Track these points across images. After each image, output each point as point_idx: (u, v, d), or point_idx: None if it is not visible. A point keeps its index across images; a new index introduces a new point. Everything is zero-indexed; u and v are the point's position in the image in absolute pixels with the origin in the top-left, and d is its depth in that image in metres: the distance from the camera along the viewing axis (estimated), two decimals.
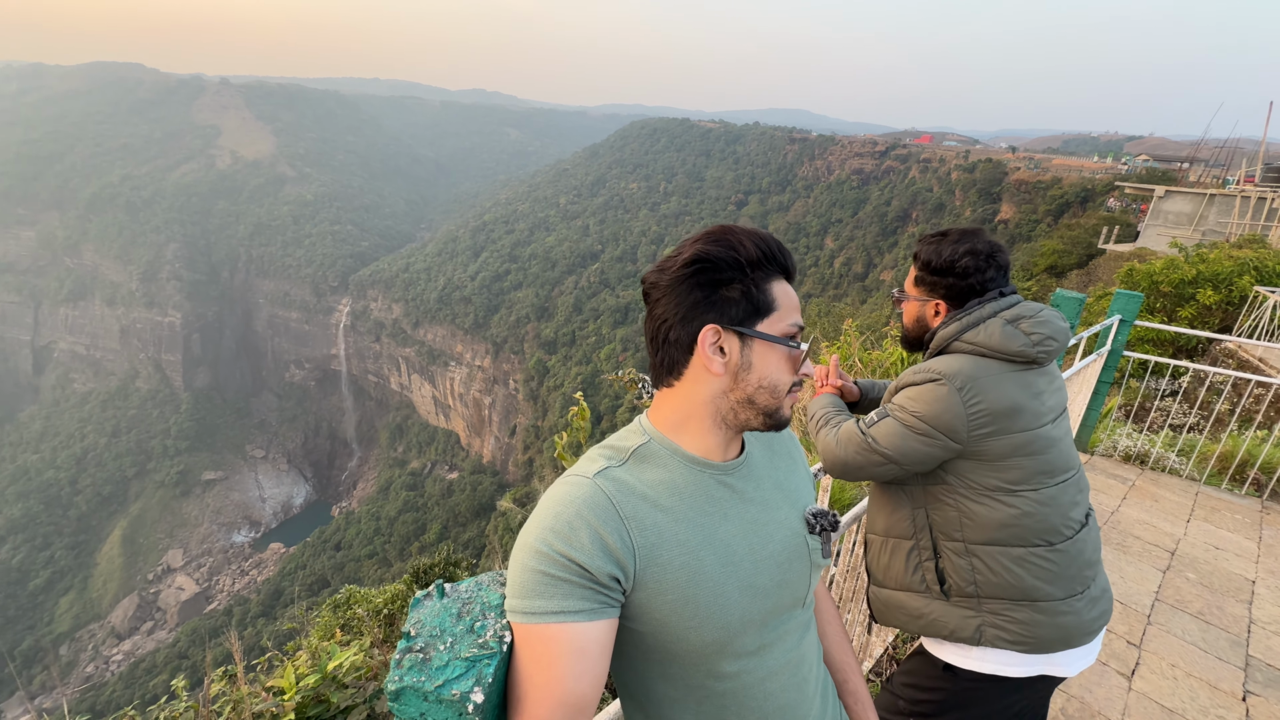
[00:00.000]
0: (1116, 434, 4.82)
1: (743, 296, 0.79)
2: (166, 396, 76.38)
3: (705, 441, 0.84)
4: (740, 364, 0.81)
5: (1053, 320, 1.42)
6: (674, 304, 0.80)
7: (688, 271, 0.79)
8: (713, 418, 0.84)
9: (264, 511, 70.42)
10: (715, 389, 0.82)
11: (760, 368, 0.81)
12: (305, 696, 2.07)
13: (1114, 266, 18.11)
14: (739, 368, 0.81)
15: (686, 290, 0.79)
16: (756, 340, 0.81)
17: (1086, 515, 1.46)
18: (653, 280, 0.83)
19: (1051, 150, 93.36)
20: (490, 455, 70.48)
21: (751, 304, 0.80)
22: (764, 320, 0.80)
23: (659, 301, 0.82)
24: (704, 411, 0.83)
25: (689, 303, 0.79)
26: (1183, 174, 33.82)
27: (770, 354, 0.81)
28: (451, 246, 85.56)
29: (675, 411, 0.85)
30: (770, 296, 0.81)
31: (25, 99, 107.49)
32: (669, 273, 0.81)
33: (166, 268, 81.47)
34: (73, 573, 60.55)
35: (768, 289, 0.81)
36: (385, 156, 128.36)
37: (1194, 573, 3.32)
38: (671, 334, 0.81)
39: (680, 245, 0.82)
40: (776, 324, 0.81)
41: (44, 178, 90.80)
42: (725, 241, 0.80)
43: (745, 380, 0.81)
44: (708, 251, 0.79)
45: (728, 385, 0.82)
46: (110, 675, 47.98)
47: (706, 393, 0.83)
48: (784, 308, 0.82)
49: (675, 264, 0.80)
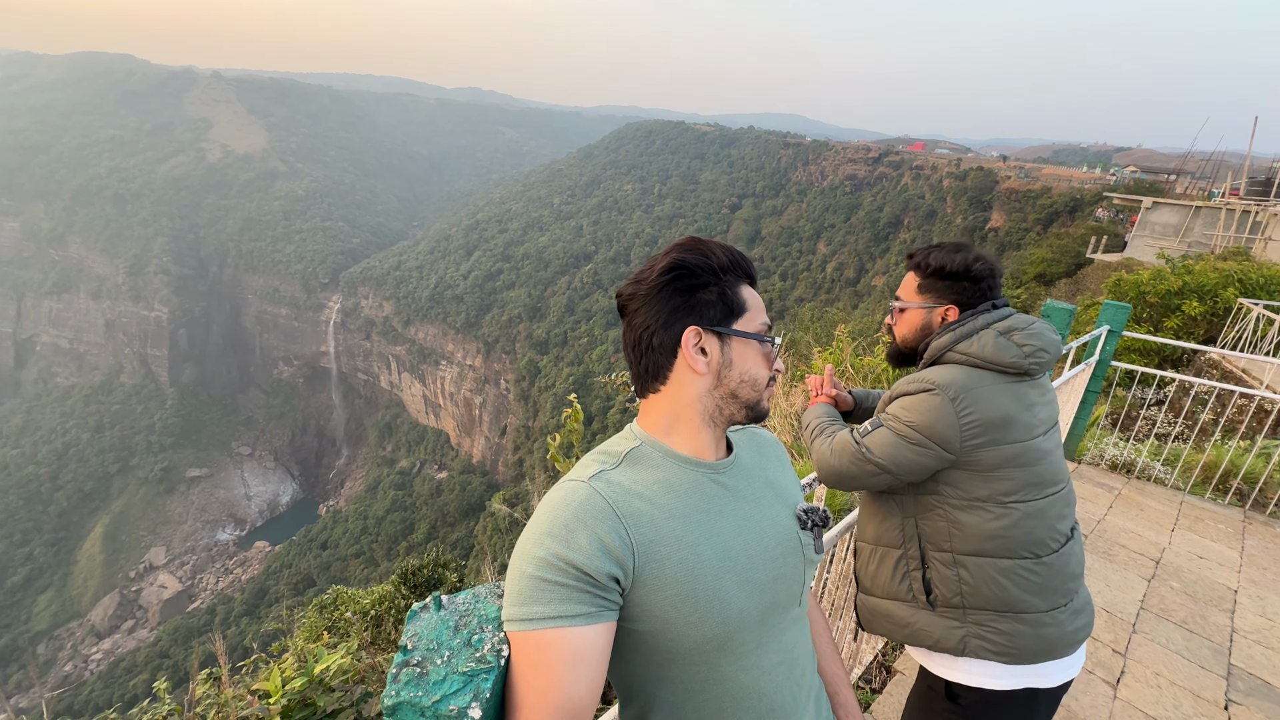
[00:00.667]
0: (1103, 443, 4.87)
1: (719, 299, 0.86)
2: (151, 392, 75.37)
3: (695, 442, 0.88)
4: (722, 361, 0.86)
5: (1045, 332, 1.44)
6: (654, 311, 0.85)
7: (666, 279, 0.84)
8: (700, 416, 0.88)
9: (249, 509, 69.62)
10: (700, 388, 0.87)
11: (740, 363, 0.87)
12: (291, 700, 2.04)
13: (1102, 276, 18.33)
14: (721, 365, 0.86)
15: (666, 297, 0.85)
16: (735, 339, 0.87)
17: (1072, 529, 1.47)
18: (630, 292, 0.87)
19: (1042, 160, 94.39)
20: (480, 455, 70.15)
21: (727, 306, 0.86)
22: (739, 320, 0.87)
23: (638, 311, 0.87)
24: (691, 411, 0.88)
25: (669, 308, 0.85)
26: (1170, 186, 34.29)
27: (748, 350, 0.88)
28: (444, 245, 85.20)
29: (664, 415, 0.88)
30: (741, 298, 0.88)
31: (11, 88, 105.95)
32: (646, 283, 0.86)
33: (154, 261, 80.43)
34: (52, 570, 59.52)
35: (739, 291, 0.88)
36: (378, 153, 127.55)
37: (1178, 581, 3.36)
38: (654, 340, 0.85)
39: (650, 260, 0.87)
40: (750, 323, 0.88)
41: (29, 168, 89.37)
42: (697, 250, 0.86)
43: (728, 377, 0.87)
44: (683, 259, 0.85)
45: (711, 383, 0.87)
46: (89, 674, 47.15)
47: (692, 393, 0.87)
48: (754, 308, 0.89)
49: (652, 273, 0.85)
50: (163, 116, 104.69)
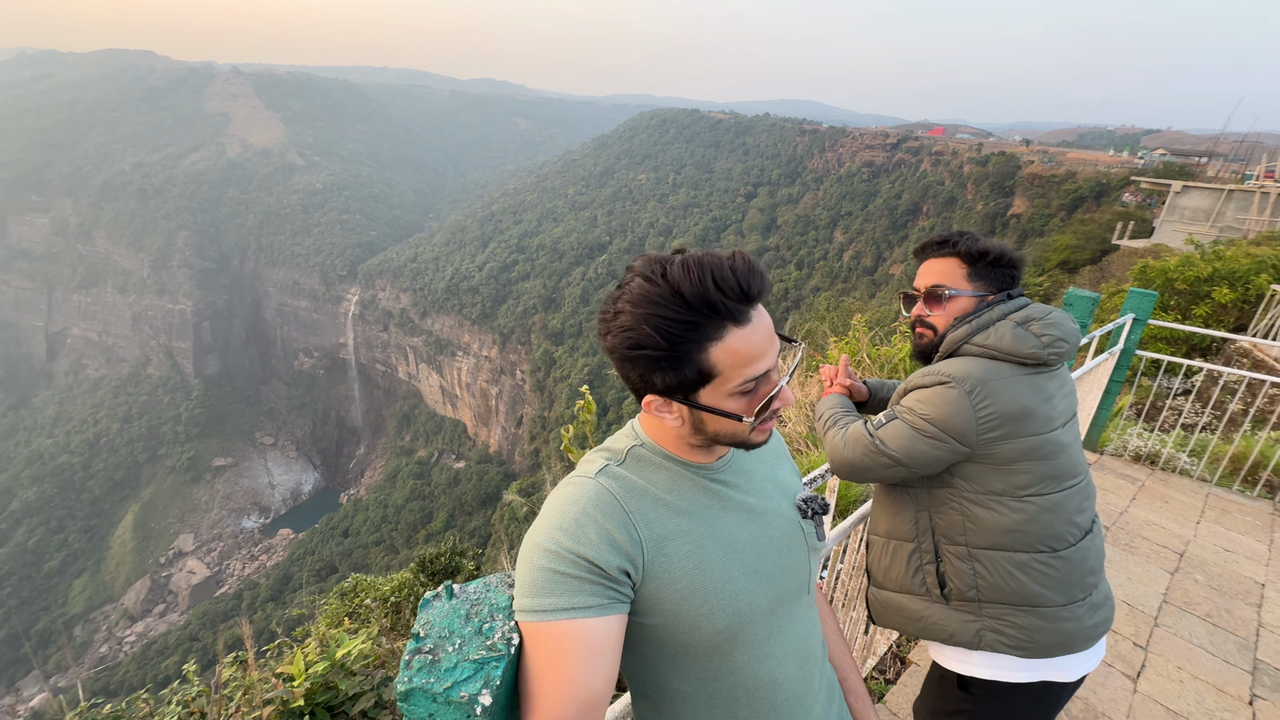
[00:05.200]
0: (1127, 434, 4.78)
1: (677, 376, 0.75)
2: (177, 383, 77.22)
3: (690, 455, 0.87)
4: (693, 420, 0.81)
5: (1063, 322, 1.41)
6: (618, 370, 0.79)
7: (621, 353, 0.76)
8: (688, 444, 0.86)
9: (273, 498, 71.27)
10: (680, 430, 0.84)
11: (712, 424, 0.81)
12: (315, 683, 2.10)
13: (1128, 263, 17.86)
14: (694, 421, 0.81)
15: (624, 365, 0.77)
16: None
17: (1092, 522, 1.45)
18: (600, 335, 0.79)
19: (1066, 144, 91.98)
20: (496, 445, 70.87)
21: (690, 376, 0.76)
22: (706, 387, 0.77)
23: (610, 356, 0.80)
24: (676, 441, 0.86)
25: (629, 375, 0.78)
26: (1201, 169, 33.28)
27: (718, 416, 0.79)
28: (459, 236, 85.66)
29: (656, 430, 0.87)
30: (710, 364, 0.75)
31: (38, 86, 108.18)
32: (608, 340, 0.77)
33: (177, 255, 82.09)
34: (86, 555, 61.64)
35: (707, 356, 0.74)
36: (394, 145, 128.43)
37: (1203, 575, 3.30)
38: (628, 385, 0.81)
39: (619, 288, 0.77)
40: (721, 387, 0.77)
41: (57, 165, 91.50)
42: (658, 311, 0.73)
43: (703, 430, 0.82)
44: (636, 336, 0.74)
45: (689, 431, 0.83)
46: (123, 656, 48.90)
47: (674, 431, 0.85)
48: (730, 368, 0.75)
49: (612, 333, 0.76)
50: (183, 112, 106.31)
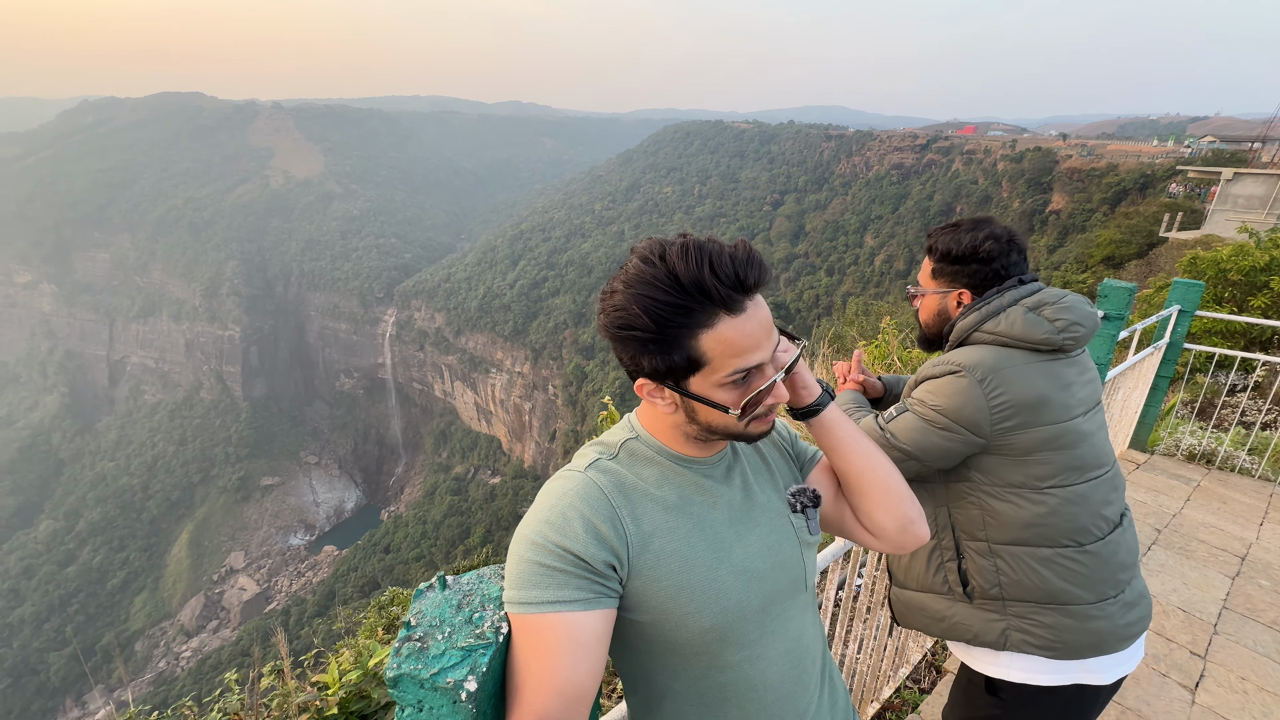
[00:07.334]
0: (1179, 432, 4.55)
1: (665, 360, 0.74)
2: (228, 406, 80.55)
3: (686, 449, 0.86)
4: (684, 407, 0.80)
5: (1078, 305, 1.35)
6: (614, 351, 0.79)
7: (611, 332, 0.76)
8: (682, 436, 0.84)
9: (318, 515, 73.30)
10: (675, 418, 0.82)
11: (704, 414, 0.79)
12: (348, 692, 2.16)
13: (1177, 255, 17.06)
14: (685, 409, 0.80)
15: (616, 346, 0.77)
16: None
17: (1121, 515, 1.39)
18: (598, 312, 0.79)
19: (1106, 136, 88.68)
20: (531, 460, 71.45)
21: (679, 362, 0.74)
22: (695, 375, 0.75)
23: (603, 335, 0.80)
24: (671, 430, 0.85)
25: (621, 356, 0.78)
26: (1254, 155, 31.59)
27: (708, 405, 0.77)
28: (490, 256, 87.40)
29: (652, 421, 0.86)
30: (700, 351, 0.73)
31: (99, 130, 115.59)
32: (601, 318, 0.78)
33: (226, 284, 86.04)
34: (146, 573, 64.43)
35: (698, 342, 0.73)
36: (426, 170, 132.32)
37: (1268, 579, 3.10)
38: (622, 367, 0.80)
39: (621, 269, 0.77)
40: (711, 376, 0.75)
41: (117, 203, 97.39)
42: (649, 293, 0.72)
43: (695, 418, 0.80)
44: (625, 316, 0.73)
45: (683, 419, 0.81)
46: (180, 670, 50.72)
47: (669, 419, 0.83)
48: (720, 357, 0.73)
49: (605, 311, 0.76)
50: (231, 148, 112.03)
